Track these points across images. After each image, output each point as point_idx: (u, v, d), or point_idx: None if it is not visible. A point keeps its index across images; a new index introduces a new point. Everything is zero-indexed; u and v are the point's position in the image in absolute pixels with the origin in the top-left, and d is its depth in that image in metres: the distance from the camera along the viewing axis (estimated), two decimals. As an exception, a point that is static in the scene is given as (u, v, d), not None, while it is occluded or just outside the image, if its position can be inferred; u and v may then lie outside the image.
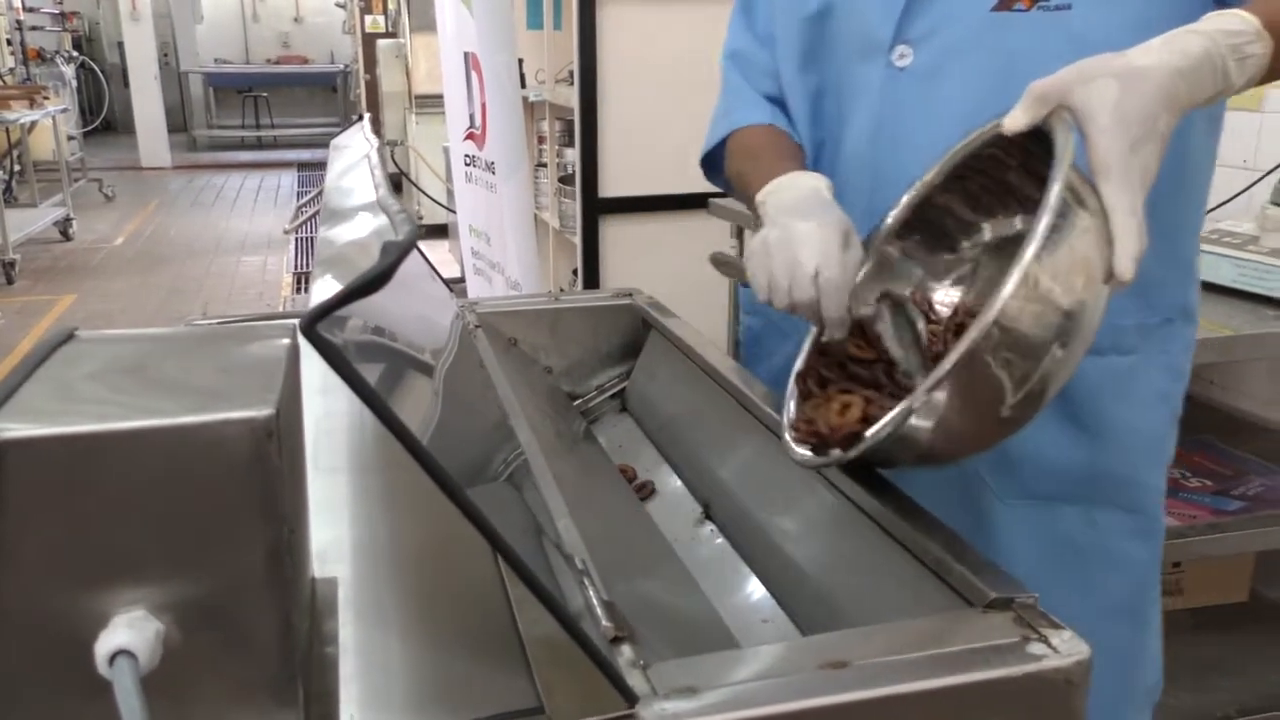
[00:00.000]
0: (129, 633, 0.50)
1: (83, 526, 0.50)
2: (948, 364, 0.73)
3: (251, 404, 0.52)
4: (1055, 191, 0.73)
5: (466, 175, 3.06)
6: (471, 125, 2.90)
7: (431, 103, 6.57)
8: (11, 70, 8.71)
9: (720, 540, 1.10)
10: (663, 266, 1.31)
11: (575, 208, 3.05)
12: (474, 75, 2.79)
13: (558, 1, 3.53)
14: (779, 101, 1.17)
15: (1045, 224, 0.72)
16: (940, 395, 0.74)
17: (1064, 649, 0.64)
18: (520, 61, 3.13)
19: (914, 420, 0.76)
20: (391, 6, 8.70)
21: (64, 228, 7.69)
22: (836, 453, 0.84)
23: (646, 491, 1.23)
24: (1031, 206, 0.80)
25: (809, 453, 0.87)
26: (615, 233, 2.99)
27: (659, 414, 1.34)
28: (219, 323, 1.04)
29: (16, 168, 8.24)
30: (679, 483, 1.22)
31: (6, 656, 0.50)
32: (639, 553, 1.08)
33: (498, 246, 2.89)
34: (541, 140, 3.85)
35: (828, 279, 0.88)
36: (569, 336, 1.45)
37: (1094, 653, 0.64)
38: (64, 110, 8.19)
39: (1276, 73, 0.82)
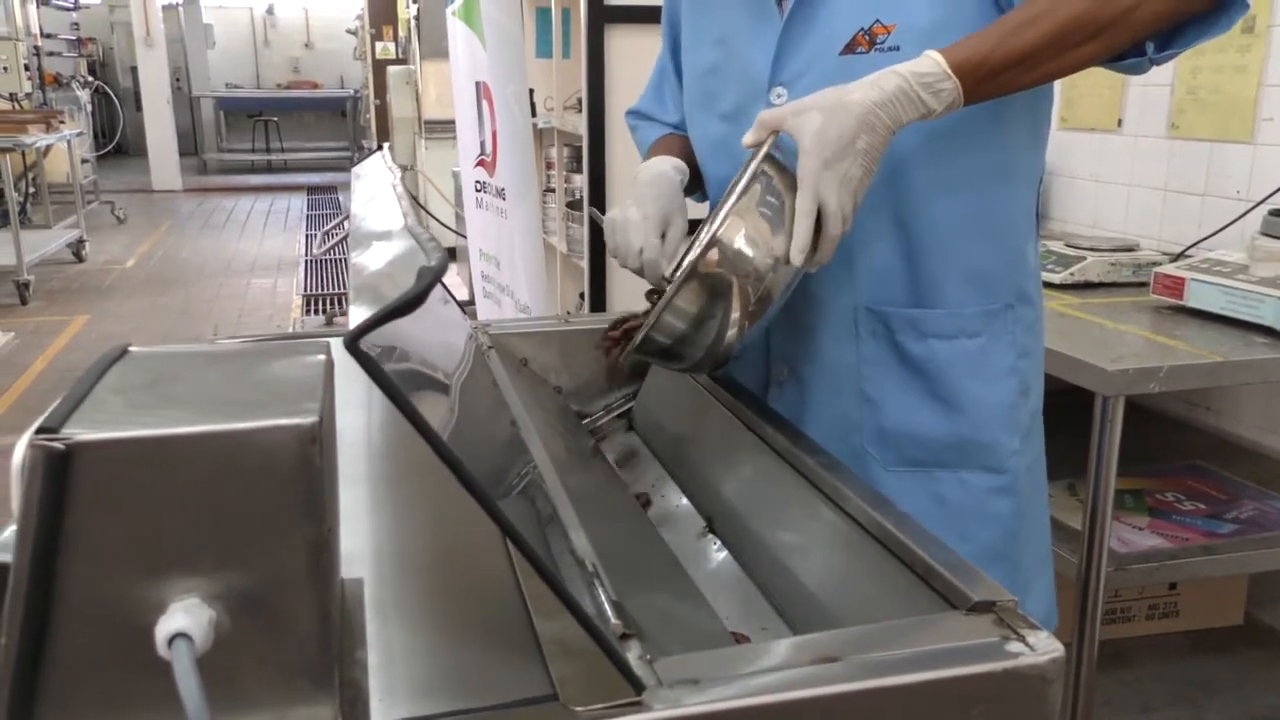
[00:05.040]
0: (185, 617, 0.55)
1: (144, 522, 0.56)
2: (679, 277, 1.01)
3: (297, 412, 0.58)
4: (743, 182, 0.99)
5: (477, 201, 3.13)
6: (482, 152, 2.97)
7: (441, 128, 6.65)
8: (29, 95, 8.82)
9: (723, 553, 1.15)
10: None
11: (582, 232, 3.10)
12: (485, 104, 2.86)
13: (566, 30, 3.61)
14: (677, 127, 1.45)
15: (739, 190, 0.99)
16: (678, 300, 1.02)
17: (1040, 648, 0.68)
18: (530, 91, 3.20)
19: (665, 317, 1.03)
20: (402, 34, 8.83)
21: (77, 249, 7.78)
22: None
23: (647, 500, 1.28)
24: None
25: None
26: (622, 258, 3.04)
27: (664, 433, 1.39)
28: (252, 340, 1.10)
29: (31, 190, 8.35)
30: (683, 498, 1.27)
31: (76, 638, 0.55)
32: (646, 563, 1.13)
33: (507, 270, 2.95)
34: (550, 166, 3.91)
35: (647, 259, 1.20)
36: (578, 358, 1.50)
37: None
38: (79, 134, 8.31)
39: (982, 95, 1.02)
